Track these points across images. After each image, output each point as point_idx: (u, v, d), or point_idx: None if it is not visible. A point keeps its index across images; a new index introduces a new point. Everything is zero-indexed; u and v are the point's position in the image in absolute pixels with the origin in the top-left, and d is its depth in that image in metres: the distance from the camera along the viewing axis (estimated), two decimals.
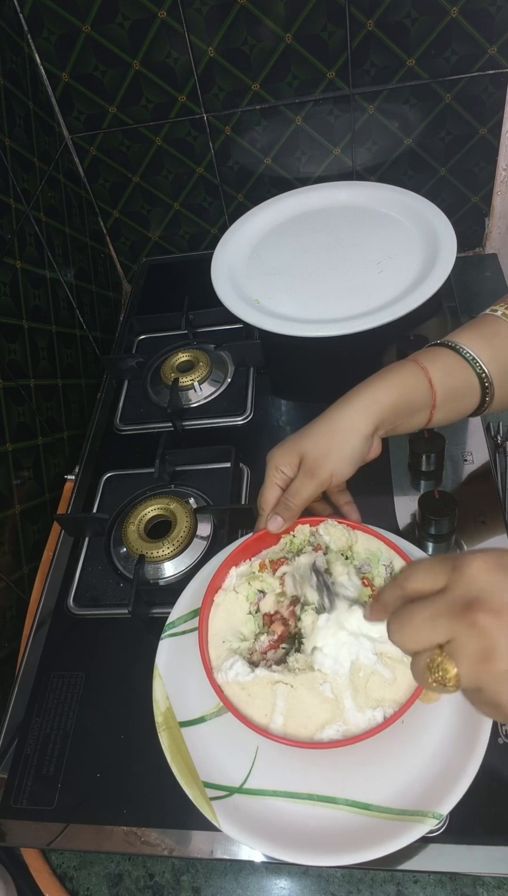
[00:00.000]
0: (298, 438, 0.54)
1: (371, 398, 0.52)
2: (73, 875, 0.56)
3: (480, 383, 0.53)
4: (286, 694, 0.45)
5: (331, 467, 0.52)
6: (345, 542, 0.54)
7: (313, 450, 0.52)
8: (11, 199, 0.74)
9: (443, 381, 0.53)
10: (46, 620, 0.67)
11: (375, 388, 0.52)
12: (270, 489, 0.54)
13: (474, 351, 0.53)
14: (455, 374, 0.53)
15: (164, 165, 0.96)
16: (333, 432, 0.52)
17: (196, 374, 0.84)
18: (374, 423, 0.51)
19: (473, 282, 0.96)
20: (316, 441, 0.52)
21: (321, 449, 0.52)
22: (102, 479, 0.77)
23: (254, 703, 0.46)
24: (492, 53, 0.82)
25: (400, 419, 0.53)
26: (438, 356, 0.54)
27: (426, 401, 0.53)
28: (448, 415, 0.54)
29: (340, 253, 0.89)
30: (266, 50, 0.83)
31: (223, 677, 0.47)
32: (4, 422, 0.69)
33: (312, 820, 0.46)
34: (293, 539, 0.55)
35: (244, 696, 0.46)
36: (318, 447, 0.52)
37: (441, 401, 0.53)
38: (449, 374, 0.53)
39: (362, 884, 0.51)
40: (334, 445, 0.52)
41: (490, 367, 0.53)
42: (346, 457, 0.52)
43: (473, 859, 0.47)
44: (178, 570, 0.66)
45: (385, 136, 0.92)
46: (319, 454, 0.52)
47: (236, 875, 0.53)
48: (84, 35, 0.81)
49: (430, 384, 0.52)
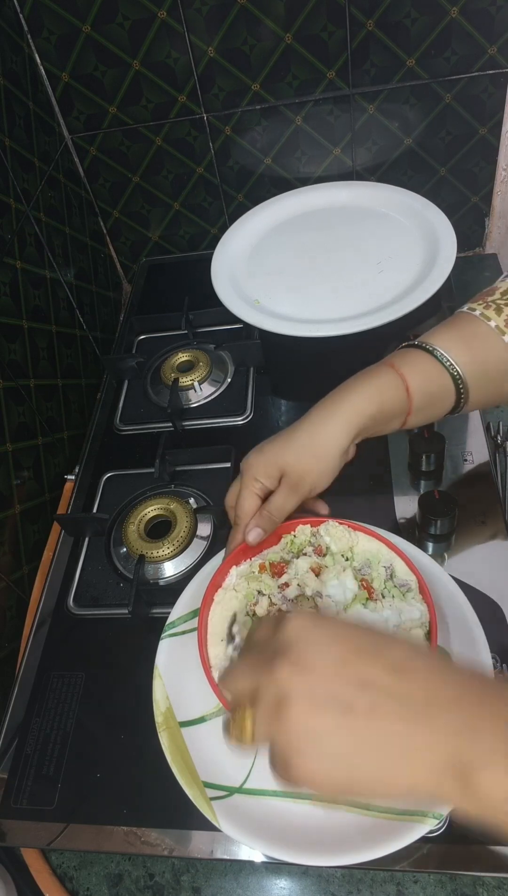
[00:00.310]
0: (277, 451, 0.53)
1: (353, 411, 0.52)
2: (73, 875, 0.56)
3: (455, 387, 0.53)
4: None
5: (313, 481, 0.52)
6: (346, 543, 0.54)
7: (297, 466, 0.52)
8: (11, 199, 0.74)
9: (420, 388, 0.53)
10: (46, 620, 0.67)
11: (355, 399, 0.52)
12: (248, 499, 0.53)
13: (451, 354, 0.53)
14: (432, 381, 0.53)
15: (164, 165, 0.96)
16: (315, 447, 0.52)
17: (196, 374, 0.84)
18: (353, 436, 0.52)
19: (473, 282, 0.96)
20: (299, 456, 0.52)
21: (303, 465, 0.52)
22: (102, 479, 0.77)
23: None
24: (492, 53, 0.82)
25: (377, 427, 0.53)
26: (416, 361, 0.53)
27: (402, 408, 0.53)
28: (422, 419, 0.55)
29: (340, 253, 0.89)
30: (266, 50, 0.83)
31: (215, 654, 0.48)
32: (4, 422, 0.69)
33: (312, 820, 0.46)
34: (295, 539, 0.55)
35: None
36: (301, 463, 0.52)
37: (417, 407, 0.53)
38: (427, 380, 0.53)
39: (362, 884, 0.51)
40: (316, 462, 0.52)
41: (466, 370, 0.53)
42: (327, 471, 0.52)
43: (473, 859, 0.47)
44: (178, 570, 0.66)
45: (385, 136, 0.92)
46: (302, 470, 0.52)
47: (236, 875, 0.53)
48: (84, 35, 0.81)
49: (408, 392, 0.52)
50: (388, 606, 0.49)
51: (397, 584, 0.51)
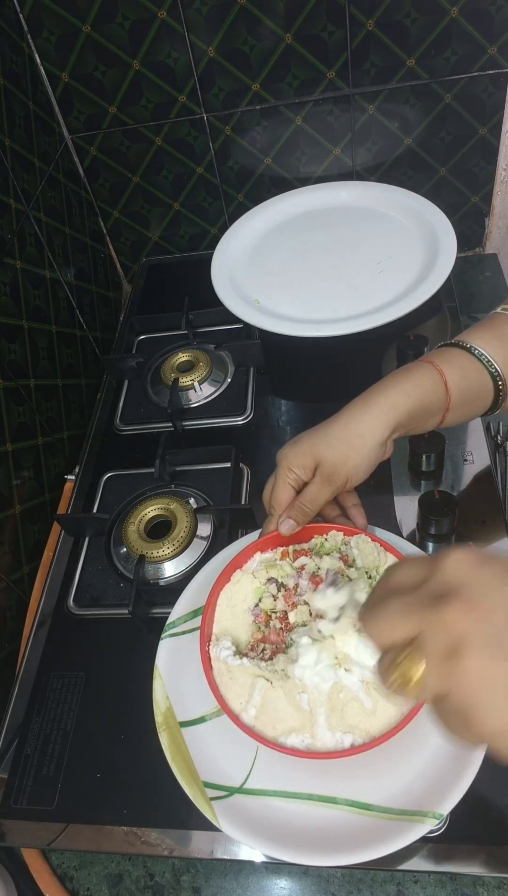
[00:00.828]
0: (313, 441, 0.52)
1: (389, 404, 0.51)
2: (73, 875, 0.56)
3: (494, 385, 0.53)
4: (264, 691, 0.46)
5: (348, 474, 0.51)
6: (373, 561, 0.52)
7: (331, 456, 0.51)
8: (11, 199, 0.74)
9: (459, 385, 0.52)
10: (46, 620, 0.67)
11: (392, 392, 0.51)
12: (282, 489, 0.53)
13: (489, 352, 0.53)
14: (471, 377, 0.52)
15: (164, 165, 0.96)
16: (350, 439, 0.51)
17: (196, 374, 0.84)
18: (390, 429, 0.51)
19: (473, 282, 0.96)
20: (333, 447, 0.51)
21: (338, 456, 0.51)
22: (102, 479, 0.77)
23: (233, 688, 0.46)
24: (492, 53, 0.82)
25: (415, 423, 0.52)
26: (454, 358, 0.53)
27: (441, 404, 0.52)
28: (460, 416, 0.54)
29: (340, 253, 0.89)
30: (266, 50, 0.83)
31: (215, 652, 0.48)
32: (4, 422, 0.69)
33: (312, 820, 0.46)
34: (325, 542, 0.54)
35: (227, 677, 0.47)
36: (336, 454, 0.51)
37: (456, 404, 0.52)
38: (465, 376, 0.52)
39: (362, 884, 0.51)
40: (351, 453, 0.51)
41: (504, 369, 0.53)
42: (363, 463, 0.51)
43: (473, 859, 0.47)
44: (178, 570, 0.66)
45: (385, 136, 0.92)
46: (337, 461, 0.51)
47: (236, 875, 0.53)
48: (84, 35, 0.81)
49: (446, 387, 0.52)
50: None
51: None
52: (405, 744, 0.45)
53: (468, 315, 0.91)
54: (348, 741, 0.44)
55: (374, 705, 0.44)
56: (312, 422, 0.79)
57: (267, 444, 0.77)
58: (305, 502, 0.52)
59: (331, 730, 0.44)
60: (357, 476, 0.52)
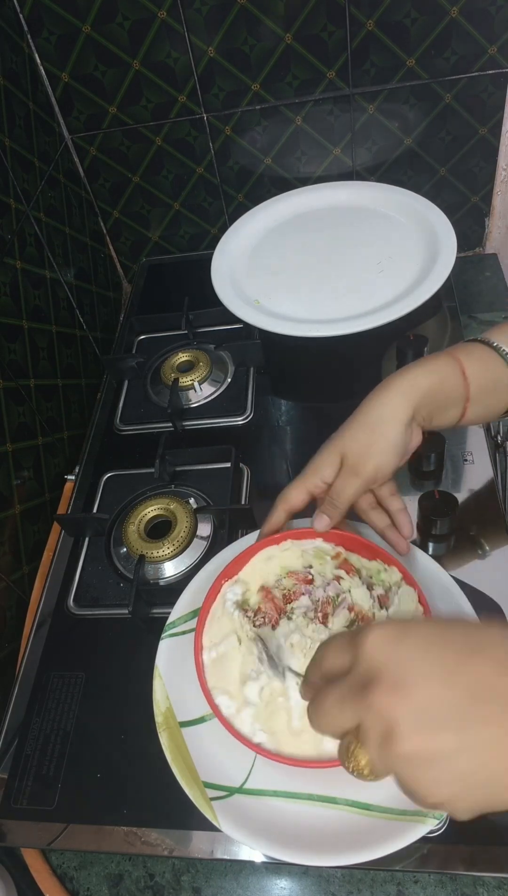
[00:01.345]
0: (336, 437, 0.51)
1: (407, 384, 0.50)
2: (73, 875, 0.56)
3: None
4: (230, 647, 0.49)
5: (375, 461, 0.49)
6: (410, 611, 0.49)
7: (353, 446, 0.50)
8: (11, 199, 0.74)
9: (477, 375, 0.51)
10: (46, 620, 0.67)
11: (408, 374, 0.50)
12: (294, 488, 0.52)
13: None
14: (490, 369, 0.51)
15: (164, 165, 0.96)
16: (371, 424, 0.50)
17: (196, 374, 0.84)
18: (412, 409, 0.49)
19: (473, 282, 0.96)
20: (355, 436, 0.50)
21: (361, 444, 0.49)
22: (102, 479, 0.77)
23: (213, 628, 0.50)
24: (492, 53, 0.82)
25: (435, 409, 0.51)
26: (472, 350, 0.52)
27: (460, 392, 0.51)
28: (482, 411, 0.53)
29: (340, 253, 0.89)
30: (266, 50, 0.83)
31: (226, 587, 0.51)
32: (4, 422, 0.69)
33: (312, 820, 0.46)
34: (383, 572, 0.51)
35: (219, 614, 0.50)
36: (358, 442, 0.50)
37: (475, 394, 0.51)
38: (484, 368, 0.51)
39: (362, 884, 0.51)
40: (374, 438, 0.49)
41: None
42: (389, 448, 0.49)
43: (473, 859, 0.47)
44: (178, 570, 0.66)
45: (385, 136, 0.92)
46: (360, 450, 0.49)
47: (236, 875, 0.53)
48: (84, 35, 0.81)
49: (464, 375, 0.51)
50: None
51: None
52: None
53: (468, 315, 0.91)
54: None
55: None
56: (312, 422, 0.80)
57: (267, 444, 0.77)
58: (332, 496, 0.51)
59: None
60: (386, 462, 0.50)
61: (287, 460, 0.75)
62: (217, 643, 0.49)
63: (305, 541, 0.54)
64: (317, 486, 0.52)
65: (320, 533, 0.53)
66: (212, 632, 0.50)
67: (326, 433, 0.53)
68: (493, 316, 0.91)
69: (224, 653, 0.49)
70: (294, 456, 0.75)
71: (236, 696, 0.47)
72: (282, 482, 0.72)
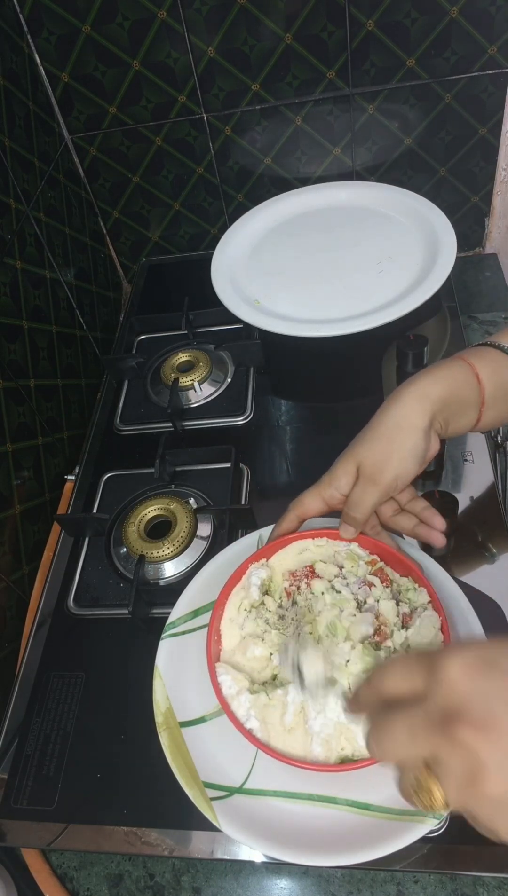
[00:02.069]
0: (352, 447, 0.51)
1: (421, 392, 0.49)
2: (73, 875, 0.56)
3: None
4: (249, 625, 0.49)
5: (394, 470, 0.49)
6: (421, 641, 0.48)
7: (370, 455, 0.49)
8: (11, 199, 0.74)
9: (491, 378, 0.51)
10: (46, 620, 0.67)
11: (422, 381, 0.50)
12: (308, 496, 0.51)
13: None
14: (502, 372, 0.51)
15: (164, 165, 0.96)
16: (389, 434, 0.49)
17: (196, 374, 0.84)
18: (429, 416, 0.49)
19: (473, 282, 0.96)
20: (371, 446, 0.49)
21: (378, 453, 0.49)
22: (102, 479, 0.77)
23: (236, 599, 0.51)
24: (492, 53, 0.82)
25: (451, 415, 0.50)
26: (484, 354, 0.52)
27: (474, 397, 0.50)
28: (495, 415, 0.52)
29: (340, 253, 0.89)
30: (266, 50, 0.83)
31: (255, 567, 0.51)
32: (4, 422, 0.69)
33: (312, 820, 0.46)
34: (413, 591, 0.51)
35: (244, 583, 0.51)
36: (375, 452, 0.49)
37: (490, 398, 0.51)
38: (497, 371, 0.51)
39: (362, 884, 0.51)
40: (393, 447, 0.48)
41: None
42: (408, 456, 0.49)
43: (473, 859, 0.47)
44: (178, 571, 0.66)
45: (385, 136, 0.92)
46: (377, 459, 0.49)
47: (236, 875, 0.53)
48: (84, 35, 0.81)
49: (478, 379, 0.50)
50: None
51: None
52: None
53: (468, 315, 0.91)
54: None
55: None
56: (312, 422, 0.79)
57: (267, 444, 0.77)
58: (350, 508, 0.50)
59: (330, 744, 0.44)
60: (406, 470, 0.49)
61: (287, 460, 0.75)
62: (234, 618, 0.50)
63: (340, 542, 0.54)
64: (333, 497, 0.51)
65: (356, 539, 0.53)
66: (231, 609, 0.51)
67: (326, 433, 0.53)
68: (493, 316, 0.91)
69: (248, 636, 0.49)
70: (294, 456, 0.75)
71: (240, 679, 0.47)
72: (282, 482, 0.73)
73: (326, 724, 0.44)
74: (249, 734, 0.44)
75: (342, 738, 0.44)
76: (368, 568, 0.52)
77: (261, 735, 0.45)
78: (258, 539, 0.60)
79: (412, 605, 0.50)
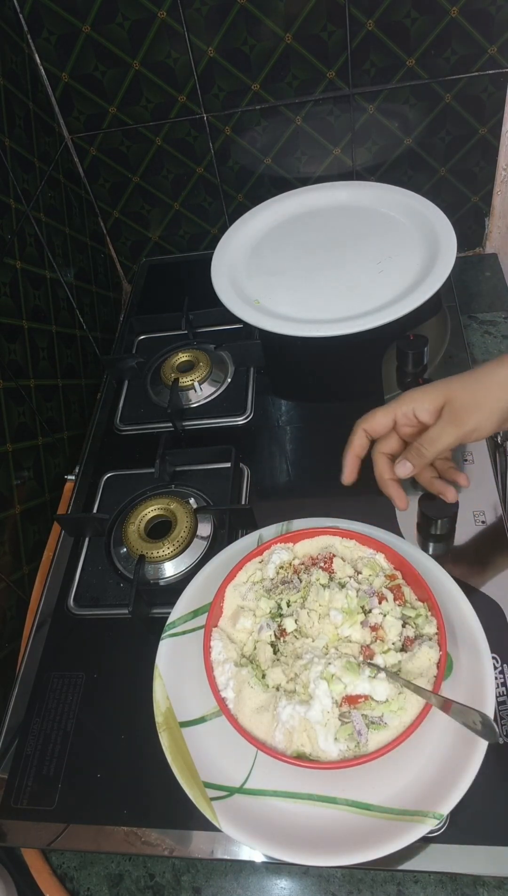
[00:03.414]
0: (443, 382, 0.48)
1: None
2: (73, 875, 0.56)
3: None
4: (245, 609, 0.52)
5: (478, 419, 0.47)
6: (412, 668, 0.47)
7: (462, 395, 0.47)
8: (11, 199, 0.74)
9: None
10: (46, 620, 0.67)
11: None
12: (380, 413, 0.49)
13: None
14: None
15: (164, 165, 0.96)
16: (487, 383, 0.47)
17: (196, 374, 0.84)
18: None
19: (473, 282, 0.96)
20: (466, 385, 0.47)
21: (469, 394, 0.47)
22: (102, 479, 0.77)
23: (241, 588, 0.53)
24: (492, 53, 0.82)
25: None
26: None
27: None
28: None
29: (340, 253, 0.89)
30: (266, 50, 0.83)
31: (268, 554, 0.53)
32: (4, 422, 0.69)
33: (312, 820, 0.46)
34: (424, 618, 0.50)
35: (255, 567, 0.54)
36: (467, 392, 0.47)
37: None
38: None
39: (362, 884, 0.51)
40: (485, 395, 0.47)
41: None
42: (494, 413, 0.47)
43: (473, 859, 0.47)
44: (178, 571, 0.66)
45: (385, 136, 0.92)
46: (468, 402, 0.47)
47: (236, 875, 0.53)
48: (84, 35, 0.81)
49: None
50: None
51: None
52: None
53: (468, 315, 0.91)
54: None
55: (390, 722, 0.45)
56: (312, 422, 0.79)
57: (267, 444, 0.77)
58: (424, 443, 0.48)
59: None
60: (487, 425, 0.48)
61: (287, 460, 0.75)
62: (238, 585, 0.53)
63: (368, 548, 0.54)
64: (406, 416, 0.49)
65: (383, 548, 0.52)
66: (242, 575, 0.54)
67: (326, 433, 0.53)
68: (493, 316, 0.91)
69: (243, 606, 0.52)
70: (294, 456, 0.75)
71: (230, 649, 0.49)
72: (282, 482, 0.73)
73: (293, 716, 0.45)
74: (246, 733, 0.45)
75: (305, 734, 0.45)
76: (386, 581, 0.52)
77: (233, 707, 0.46)
78: (258, 538, 0.60)
79: (418, 631, 0.49)
